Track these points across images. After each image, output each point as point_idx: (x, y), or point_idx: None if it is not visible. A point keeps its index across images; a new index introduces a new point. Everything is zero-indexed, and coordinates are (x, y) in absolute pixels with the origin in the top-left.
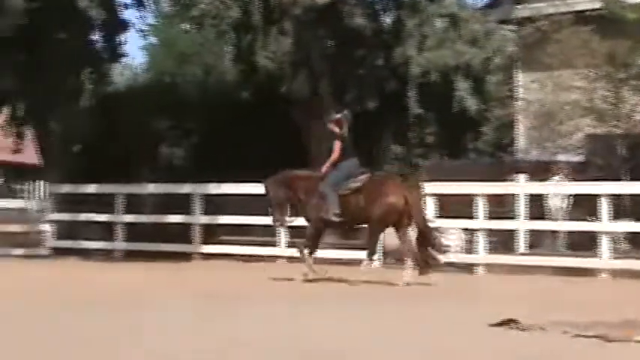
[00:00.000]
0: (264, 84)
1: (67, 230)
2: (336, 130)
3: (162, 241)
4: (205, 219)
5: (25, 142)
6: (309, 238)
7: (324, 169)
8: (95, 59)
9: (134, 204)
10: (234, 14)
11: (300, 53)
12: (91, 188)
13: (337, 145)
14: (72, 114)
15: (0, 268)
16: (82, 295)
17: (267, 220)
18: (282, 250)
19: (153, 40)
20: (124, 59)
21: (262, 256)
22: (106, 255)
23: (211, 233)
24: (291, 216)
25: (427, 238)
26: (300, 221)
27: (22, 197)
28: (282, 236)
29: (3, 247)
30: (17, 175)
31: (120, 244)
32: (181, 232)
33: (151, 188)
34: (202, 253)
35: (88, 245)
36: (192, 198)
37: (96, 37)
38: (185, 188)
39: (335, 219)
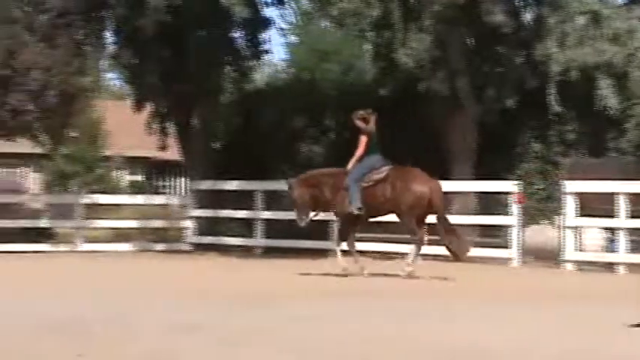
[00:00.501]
0: (403, 82)
1: (207, 226)
2: (363, 125)
3: (299, 238)
4: None
5: (168, 139)
6: (339, 233)
7: (350, 164)
8: (237, 56)
9: (273, 201)
10: (374, 12)
11: (439, 50)
12: (231, 185)
13: (363, 140)
14: (213, 111)
15: (158, 265)
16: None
17: None
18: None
19: (293, 37)
20: (265, 57)
21: (399, 254)
22: (246, 251)
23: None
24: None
25: (451, 228)
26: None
27: (164, 193)
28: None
29: (146, 241)
30: (159, 171)
31: (259, 241)
32: (318, 229)
33: None
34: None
35: (228, 241)
36: None
37: (238, 34)
38: None
39: (356, 212)
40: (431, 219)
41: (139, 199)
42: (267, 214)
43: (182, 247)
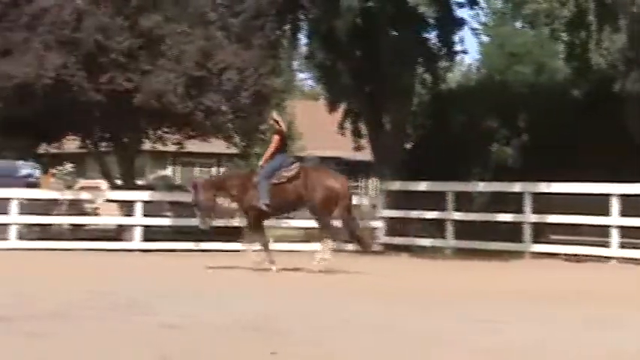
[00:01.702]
0: (596, 82)
1: (396, 227)
2: (277, 126)
3: (491, 240)
4: (535, 218)
5: (360, 139)
6: (251, 230)
7: (262, 161)
8: (429, 57)
9: (463, 202)
10: (567, 12)
11: (634, 50)
12: (422, 185)
13: (276, 139)
14: (404, 111)
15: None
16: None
17: (597, 220)
18: (614, 250)
19: (485, 38)
20: (457, 57)
21: (592, 256)
22: (436, 252)
23: (540, 232)
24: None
25: (353, 223)
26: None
27: (355, 193)
28: (615, 237)
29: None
30: (350, 171)
31: (450, 242)
32: (510, 231)
33: (481, 186)
34: (532, 252)
35: (419, 242)
36: (522, 197)
37: (430, 35)
38: (515, 187)
39: (265, 208)
40: None
41: None
42: (458, 215)
43: (373, 247)
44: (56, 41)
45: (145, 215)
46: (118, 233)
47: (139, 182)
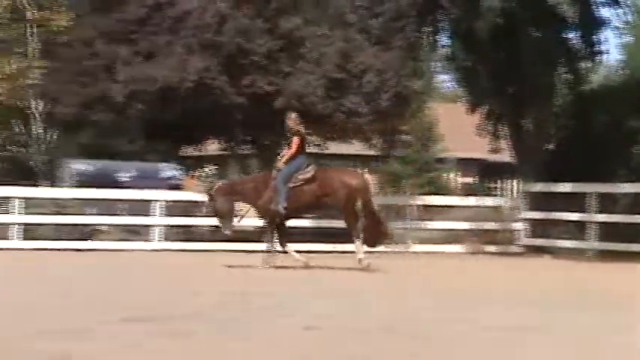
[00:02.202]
0: None
1: (538, 228)
2: (296, 127)
3: (636, 242)
4: None
5: (500, 141)
6: (267, 232)
7: (280, 163)
8: (571, 57)
9: (606, 203)
10: None
11: None
12: (564, 187)
13: (296, 141)
14: (546, 112)
15: (490, 267)
16: None
17: None
18: None
19: (628, 37)
20: (600, 57)
21: None
22: (578, 254)
23: None
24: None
25: (377, 219)
26: None
27: (496, 195)
28: None
29: (477, 243)
30: (491, 173)
31: (593, 244)
32: None
33: (625, 187)
34: None
35: (560, 244)
36: None
37: (572, 35)
38: None
39: (282, 211)
40: None
41: (470, 200)
42: (601, 217)
43: (513, 249)
44: (198, 44)
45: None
46: (259, 235)
47: None
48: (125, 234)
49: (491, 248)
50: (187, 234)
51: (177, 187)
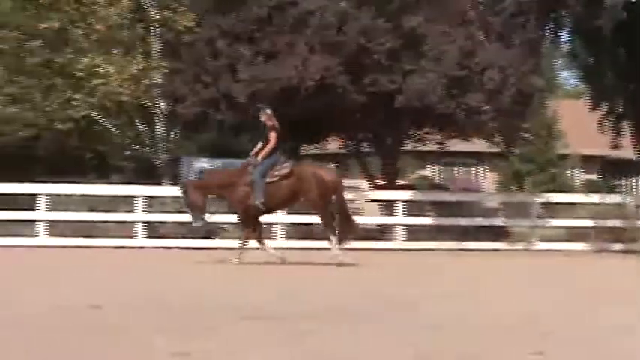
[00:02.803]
0: None
1: None
2: (271, 122)
3: None
4: None
5: (623, 138)
6: (244, 227)
7: (259, 158)
8: None
9: None
10: None
11: None
12: None
13: (273, 136)
14: None
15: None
16: None
17: None
18: None
19: None
20: None
21: None
22: None
23: None
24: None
25: (347, 215)
26: None
27: (620, 192)
28: None
29: (601, 241)
30: (615, 170)
31: None
32: None
33: None
34: None
35: None
36: None
37: None
38: None
39: (260, 206)
40: None
41: (594, 198)
42: None
43: (638, 247)
44: (320, 44)
45: (407, 215)
46: (380, 233)
47: (401, 182)
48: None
49: (616, 246)
50: (307, 232)
51: None
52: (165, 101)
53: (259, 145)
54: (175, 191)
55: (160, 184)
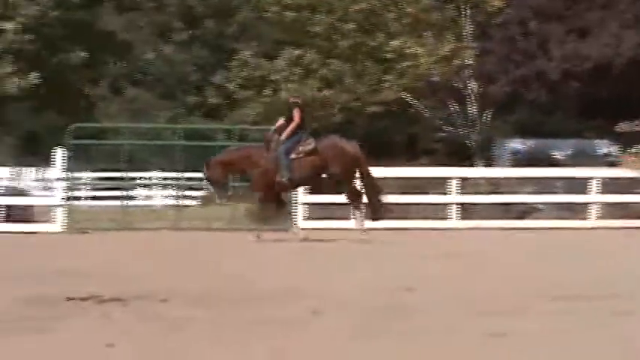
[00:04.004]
0: None
1: None
2: (298, 100)
3: None
4: None
5: None
6: (262, 204)
7: (284, 135)
8: None
9: None
10: None
11: None
12: None
13: (298, 114)
14: None
15: None
16: None
17: None
18: None
19: None
20: None
21: None
22: None
23: None
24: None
25: (375, 188)
26: None
27: None
28: None
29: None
30: None
31: None
32: None
33: None
34: None
35: None
36: None
37: None
38: None
39: (285, 182)
40: None
41: None
42: None
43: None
44: (634, 18)
45: None
46: None
47: None
48: (561, 212)
49: None
50: (624, 211)
51: (613, 164)
52: (476, 82)
53: (281, 121)
54: (488, 172)
55: (472, 165)
